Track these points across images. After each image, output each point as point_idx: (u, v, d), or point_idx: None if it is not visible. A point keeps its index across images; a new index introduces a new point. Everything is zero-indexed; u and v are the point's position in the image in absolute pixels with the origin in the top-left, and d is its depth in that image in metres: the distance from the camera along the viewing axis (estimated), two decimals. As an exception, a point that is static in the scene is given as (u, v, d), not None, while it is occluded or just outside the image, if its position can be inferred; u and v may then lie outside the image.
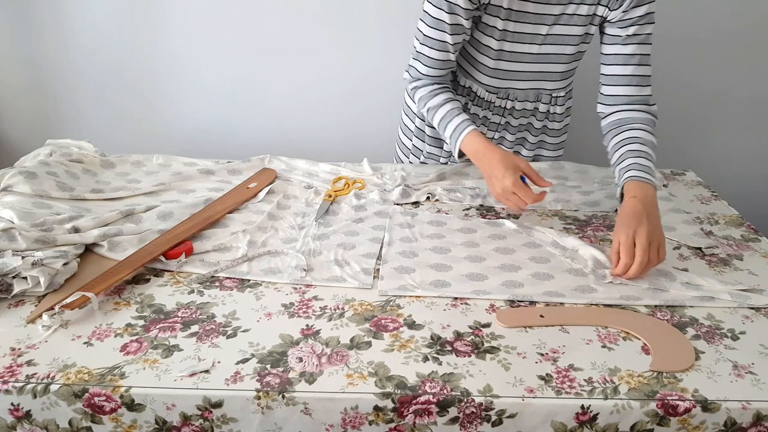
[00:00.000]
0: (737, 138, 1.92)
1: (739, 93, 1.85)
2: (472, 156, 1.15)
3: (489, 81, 1.28)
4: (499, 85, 1.28)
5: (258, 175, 1.30)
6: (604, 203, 1.23)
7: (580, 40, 1.21)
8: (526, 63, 1.24)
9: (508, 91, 1.29)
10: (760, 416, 0.72)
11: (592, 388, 0.74)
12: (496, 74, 1.26)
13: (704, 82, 1.84)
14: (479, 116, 1.35)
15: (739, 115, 1.88)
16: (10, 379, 0.73)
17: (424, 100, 1.24)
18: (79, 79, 1.89)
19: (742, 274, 0.99)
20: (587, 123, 1.90)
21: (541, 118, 1.36)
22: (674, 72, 1.82)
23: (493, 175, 1.08)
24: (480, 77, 1.28)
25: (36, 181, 1.13)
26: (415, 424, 0.73)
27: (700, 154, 1.91)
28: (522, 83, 1.28)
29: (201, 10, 1.79)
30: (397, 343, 0.81)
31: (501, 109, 1.33)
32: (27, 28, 1.83)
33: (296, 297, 0.91)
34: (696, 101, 1.86)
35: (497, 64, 1.24)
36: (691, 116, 1.89)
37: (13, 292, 0.87)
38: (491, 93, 1.30)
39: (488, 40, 1.20)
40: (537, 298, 0.91)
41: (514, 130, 1.37)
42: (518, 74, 1.26)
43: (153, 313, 0.86)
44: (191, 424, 0.74)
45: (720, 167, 1.85)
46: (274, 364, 0.77)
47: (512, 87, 1.29)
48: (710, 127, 1.91)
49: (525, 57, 1.23)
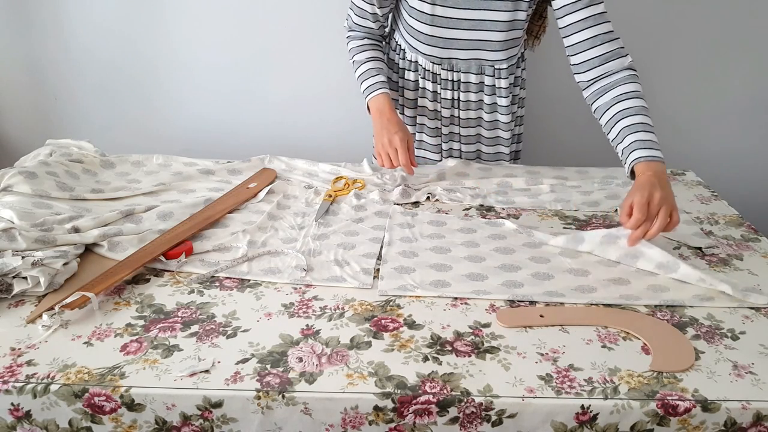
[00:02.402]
0: (737, 138, 1.92)
1: (740, 93, 1.85)
2: (374, 112, 1.28)
3: (431, 51, 1.31)
4: (440, 54, 1.31)
5: (258, 175, 1.30)
6: (604, 203, 1.23)
7: (513, 6, 1.23)
8: (463, 30, 1.26)
9: (451, 62, 1.32)
10: (760, 416, 0.72)
11: (592, 388, 0.74)
12: (434, 42, 1.29)
13: (704, 81, 1.83)
14: (429, 90, 1.38)
15: (739, 115, 1.88)
16: (10, 379, 0.73)
17: (352, 52, 1.36)
18: (79, 79, 1.89)
19: (742, 274, 0.99)
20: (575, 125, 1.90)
21: (489, 92, 1.36)
22: (674, 72, 1.82)
23: (385, 130, 1.23)
24: (421, 47, 1.31)
25: (36, 181, 1.13)
26: (415, 424, 0.73)
27: (700, 154, 1.91)
28: (462, 52, 1.30)
29: (201, 10, 1.79)
30: (397, 343, 0.81)
31: (449, 82, 1.35)
32: (27, 28, 1.83)
33: (296, 297, 0.91)
34: (696, 101, 1.86)
35: (433, 30, 1.27)
36: (691, 116, 1.88)
37: (13, 292, 0.87)
38: (436, 64, 1.33)
39: (421, 5, 1.24)
40: (537, 298, 0.91)
41: (465, 105, 1.38)
42: (457, 42, 1.28)
43: (153, 313, 0.86)
44: (191, 424, 0.74)
45: (720, 167, 1.85)
46: (274, 364, 0.77)
47: (454, 57, 1.31)
48: (710, 127, 1.90)
49: (461, 23, 1.25)
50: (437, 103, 1.39)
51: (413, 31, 1.30)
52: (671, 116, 1.88)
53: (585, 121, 1.85)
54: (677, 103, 1.86)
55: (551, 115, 1.89)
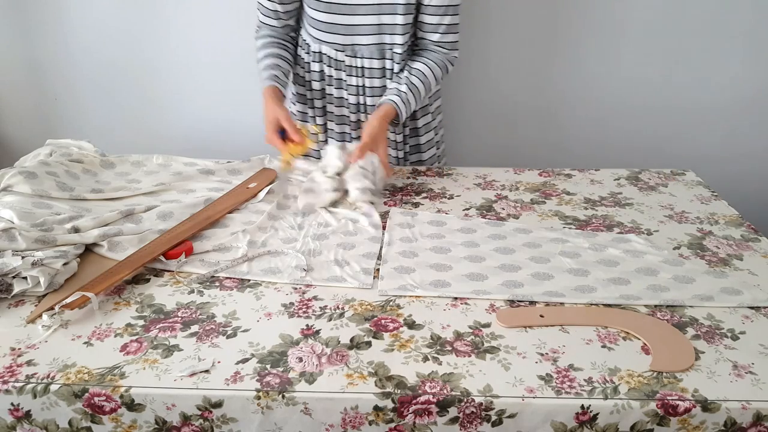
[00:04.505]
0: (737, 138, 1.92)
1: (740, 93, 1.85)
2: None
3: (333, 38, 1.34)
4: (343, 41, 1.34)
5: (258, 175, 1.30)
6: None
7: None
8: (363, 15, 1.29)
9: (354, 48, 1.34)
10: (760, 416, 0.72)
11: (592, 388, 0.74)
12: (336, 29, 1.32)
13: (704, 81, 1.83)
14: (334, 77, 1.39)
15: (739, 115, 1.88)
16: (10, 379, 0.73)
17: (257, 49, 1.40)
18: (79, 79, 1.89)
19: (742, 274, 0.99)
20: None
21: (392, 77, 1.37)
22: (674, 72, 1.82)
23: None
24: (324, 36, 1.34)
25: (36, 181, 1.13)
26: (415, 424, 0.73)
27: (700, 154, 1.91)
28: (365, 38, 1.32)
29: (201, 10, 1.79)
30: (397, 343, 0.81)
31: (354, 69, 1.37)
32: (27, 28, 1.83)
33: (296, 297, 0.91)
34: (696, 101, 1.86)
35: (332, 17, 1.30)
36: (690, 116, 1.88)
37: (13, 292, 0.87)
38: (339, 51, 1.36)
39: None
40: (537, 298, 0.91)
41: (371, 92, 1.39)
42: (358, 28, 1.31)
43: (153, 313, 0.86)
44: (191, 424, 0.74)
45: (720, 167, 1.85)
46: (274, 364, 0.77)
47: (357, 43, 1.33)
48: (710, 127, 1.90)
49: (359, 9, 1.28)
50: (343, 90, 1.41)
51: (314, 21, 1.33)
52: (671, 116, 1.88)
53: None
54: (677, 102, 1.86)
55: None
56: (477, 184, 1.31)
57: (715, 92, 1.85)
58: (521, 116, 1.90)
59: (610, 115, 1.89)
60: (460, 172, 1.37)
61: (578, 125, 1.91)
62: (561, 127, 1.91)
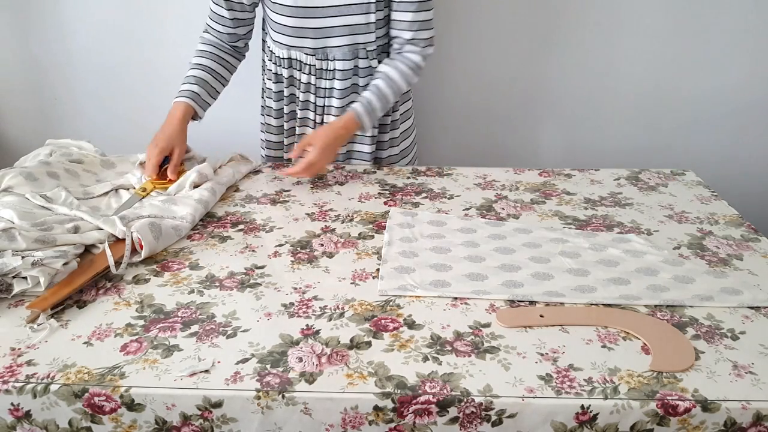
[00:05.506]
0: (737, 138, 1.92)
1: (740, 93, 1.85)
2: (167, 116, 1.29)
3: (303, 42, 1.30)
4: (314, 45, 1.30)
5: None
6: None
7: None
8: (333, 17, 1.26)
9: (326, 51, 1.31)
10: (760, 416, 0.72)
11: (592, 388, 0.74)
12: (305, 33, 1.28)
13: (704, 81, 1.83)
14: (303, 82, 1.36)
15: (739, 115, 1.88)
16: (10, 379, 0.73)
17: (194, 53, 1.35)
18: (79, 79, 1.89)
19: (742, 274, 0.99)
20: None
21: (363, 74, 1.35)
22: (674, 72, 1.82)
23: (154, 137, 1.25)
24: (291, 41, 1.30)
25: (36, 183, 1.13)
26: (415, 424, 0.73)
27: (700, 154, 1.91)
28: (336, 39, 1.29)
29: (200, 10, 1.78)
30: (397, 343, 0.81)
31: (325, 72, 1.34)
32: (27, 28, 1.83)
33: (296, 297, 0.91)
34: (696, 101, 1.86)
35: (299, 22, 1.26)
36: (691, 116, 1.88)
37: (13, 292, 0.87)
38: (310, 55, 1.32)
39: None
40: (537, 298, 0.91)
41: (340, 93, 1.36)
42: (330, 30, 1.28)
43: (153, 313, 0.86)
44: (191, 424, 0.74)
45: (720, 167, 1.85)
46: (274, 364, 0.77)
47: (329, 45, 1.30)
48: (710, 127, 1.90)
49: (327, 11, 1.25)
50: (310, 94, 1.38)
51: (280, 27, 1.29)
52: (671, 116, 1.88)
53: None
54: (677, 102, 1.86)
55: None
56: (477, 184, 1.32)
57: (716, 92, 1.85)
58: (521, 116, 1.90)
59: (610, 115, 1.89)
60: (460, 172, 1.37)
61: (578, 125, 1.91)
62: (561, 127, 1.92)
